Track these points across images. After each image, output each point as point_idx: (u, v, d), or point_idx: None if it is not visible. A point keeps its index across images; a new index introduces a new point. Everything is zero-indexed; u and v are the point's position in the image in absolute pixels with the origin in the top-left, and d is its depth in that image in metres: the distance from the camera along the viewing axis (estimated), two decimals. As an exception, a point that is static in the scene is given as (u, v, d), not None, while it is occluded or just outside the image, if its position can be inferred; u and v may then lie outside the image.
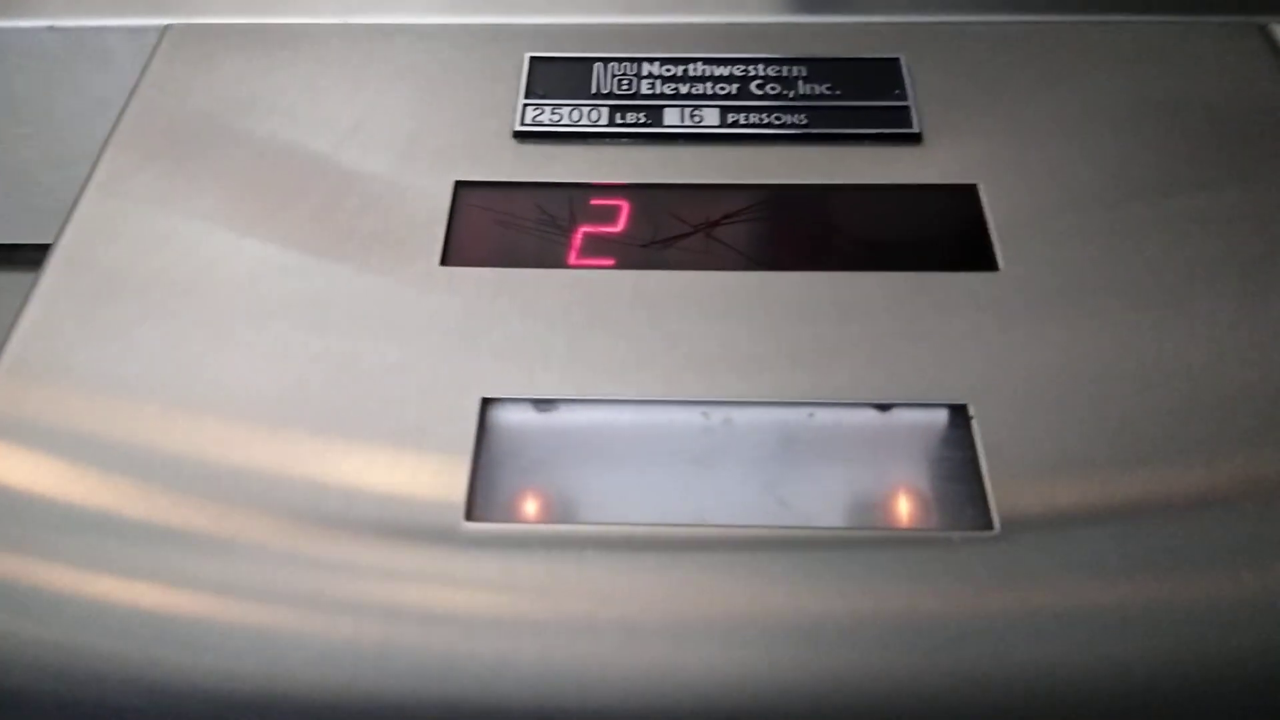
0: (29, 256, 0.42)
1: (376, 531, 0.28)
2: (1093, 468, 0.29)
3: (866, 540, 0.28)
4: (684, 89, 0.40)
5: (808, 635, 0.26)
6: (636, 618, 0.27)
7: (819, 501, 0.29)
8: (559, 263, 0.35)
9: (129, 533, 0.28)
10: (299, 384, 0.31)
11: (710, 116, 0.39)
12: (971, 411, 0.30)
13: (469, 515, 0.28)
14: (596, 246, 0.35)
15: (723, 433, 0.31)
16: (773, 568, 0.28)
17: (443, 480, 0.29)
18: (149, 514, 0.28)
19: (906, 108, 0.39)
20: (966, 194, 0.36)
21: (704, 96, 0.40)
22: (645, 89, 0.40)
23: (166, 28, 0.43)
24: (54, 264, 0.35)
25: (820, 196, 0.36)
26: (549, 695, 0.26)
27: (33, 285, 0.34)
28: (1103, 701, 0.25)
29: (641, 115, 0.39)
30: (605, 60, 0.41)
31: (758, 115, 0.39)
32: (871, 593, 0.27)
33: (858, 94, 0.40)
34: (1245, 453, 0.29)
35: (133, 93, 0.41)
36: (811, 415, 0.31)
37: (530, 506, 0.29)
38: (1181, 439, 0.30)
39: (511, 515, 0.29)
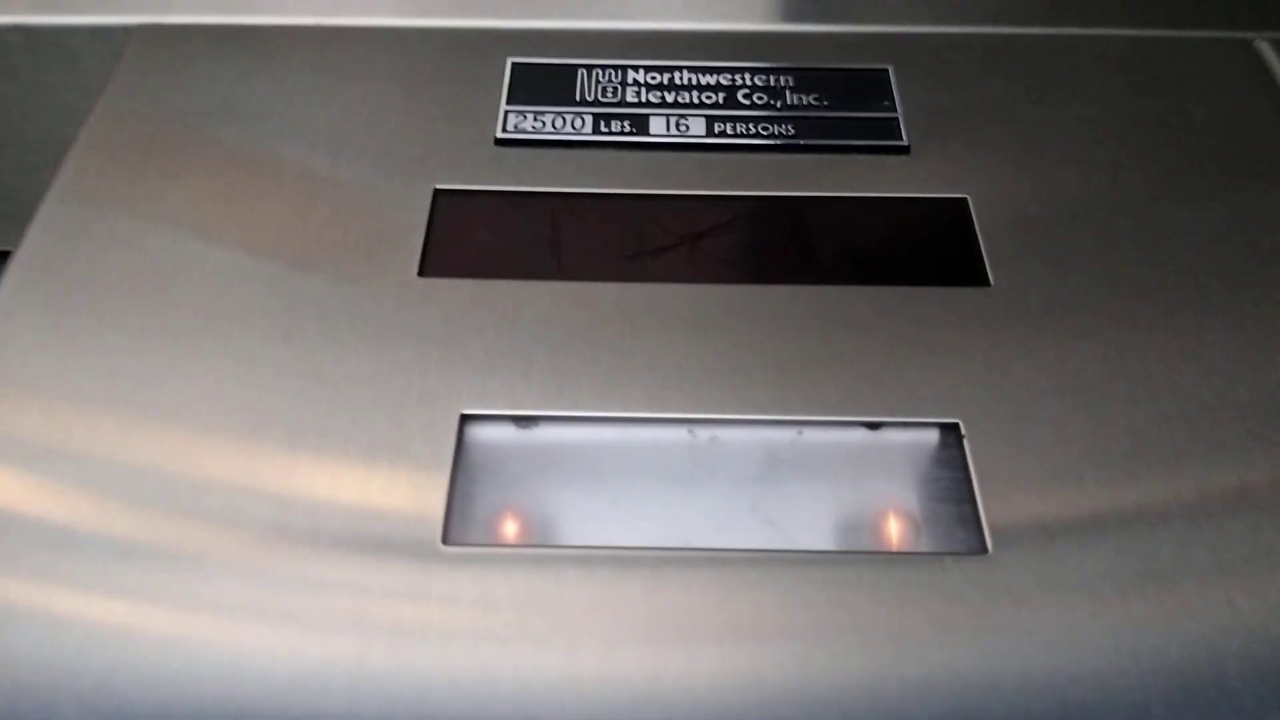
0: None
1: (348, 554, 0.27)
2: (1086, 486, 0.29)
3: (857, 563, 0.27)
4: (670, 97, 0.39)
5: (795, 662, 0.26)
6: (619, 646, 0.26)
7: (808, 523, 0.29)
8: (541, 274, 0.34)
9: (89, 548, 0.27)
10: (268, 397, 0.30)
11: (696, 126, 0.38)
12: (964, 430, 0.30)
13: (446, 538, 0.27)
14: (579, 258, 0.34)
15: (709, 451, 0.30)
16: (760, 592, 0.27)
17: (419, 501, 0.28)
18: (110, 529, 0.27)
19: (895, 119, 0.39)
20: (956, 207, 0.36)
21: (690, 105, 0.39)
22: (631, 97, 0.39)
23: (135, 28, 0.42)
24: (14, 271, 0.33)
25: (808, 208, 0.36)
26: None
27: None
28: (1096, 726, 0.25)
29: (626, 124, 0.38)
30: (590, 67, 0.40)
31: (745, 125, 0.38)
32: (862, 617, 0.26)
33: (846, 105, 0.39)
34: (1236, 468, 0.29)
35: (100, 95, 0.39)
36: (800, 433, 0.30)
37: (510, 528, 0.28)
38: (1173, 456, 0.29)
39: (491, 538, 0.28)
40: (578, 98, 0.39)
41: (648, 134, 0.38)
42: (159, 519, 0.28)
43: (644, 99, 0.39)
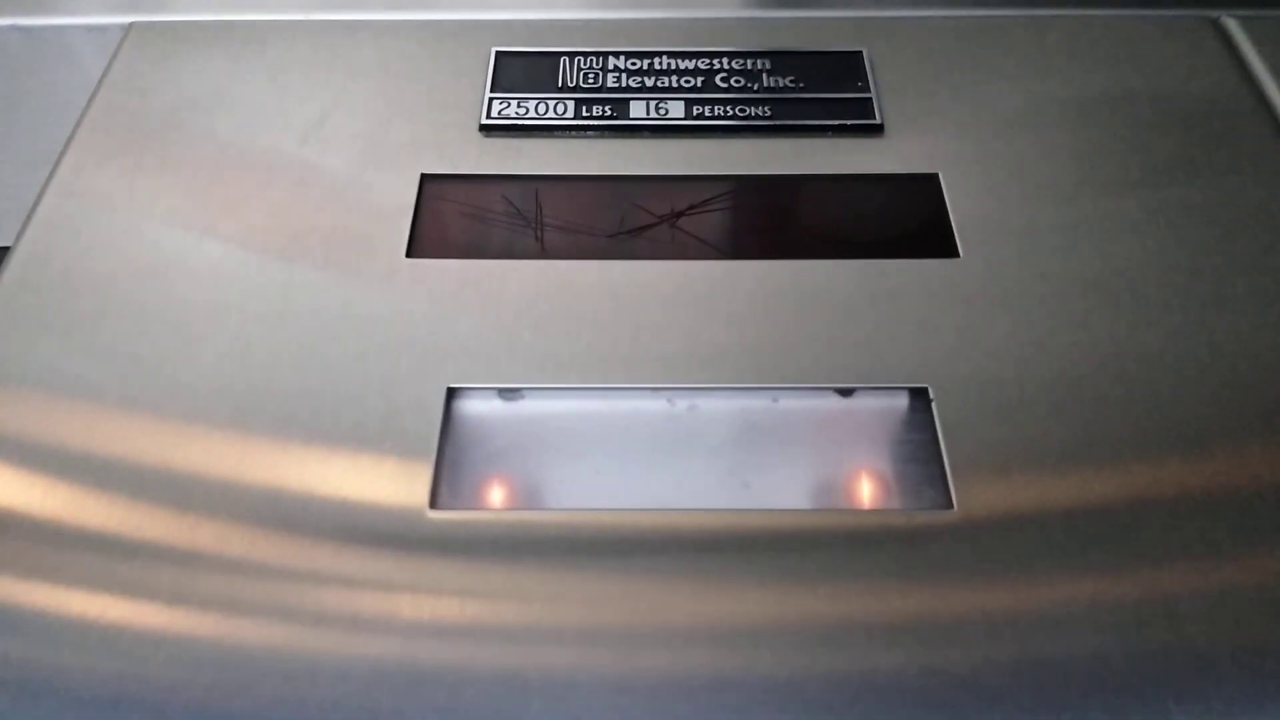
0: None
1: (341, 522, 0.28)
2: (1048, 450, 0.30)
3: (828, 521, 0.28)
4: (649, 82, 0.40)
5: (770, 612, 0.27)
6: (600, 605, 0.27)
7: (783, 484, 0.30)
8: (525, 254, 0.35)
9: (82, 539, 0.28)
10: (262, 380, 0.31)
11: (675, 109, 0.39)
12: (932, 395, 0.31)
13: (433, 504, 0.28)
14: (562, 238, 0.35)
15: (688, 419, 0.31)
16: (737, 550, 0.28)
17: (407, 470, 0.29)
18: (106, 519, 0.28)
19: (869, 99, 0.39)
20: (928, 183, 0.37)
21: (669, 89, 0.40)
22: (611, 82, 0.40)
23: (130, 25, 0.43)
24: (14, 265, 0.34)
25: (784, 187, 0.37)
26: (513, 684, 0.26)
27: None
28: (1052, 678, 0.26)
29: (607, 108, 0.39)
30: (571, 54, 0.41)
31: (722, 107, 0.39)
32: (834, 570, 0.27)
33: (821, 86, 0.40)
34: (1195, 439, 0.30)
35: (95, 91, 0.40)
36: (775, 400, 0.31)
37: (496, 494, 0.29)
38: (1133, 423, 0.30)
39: (477, 503, 0.29)
40: (559, 84, 0.40)
41: (628, 118, 0.39)
42: (161, 507, 0.28)
43: (624, 84, 0.40)
